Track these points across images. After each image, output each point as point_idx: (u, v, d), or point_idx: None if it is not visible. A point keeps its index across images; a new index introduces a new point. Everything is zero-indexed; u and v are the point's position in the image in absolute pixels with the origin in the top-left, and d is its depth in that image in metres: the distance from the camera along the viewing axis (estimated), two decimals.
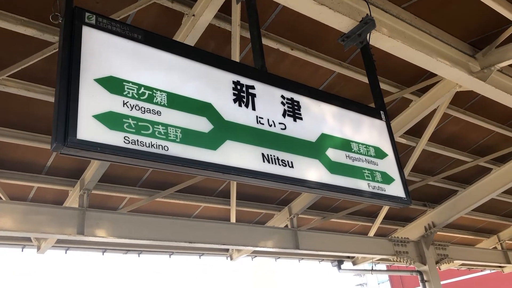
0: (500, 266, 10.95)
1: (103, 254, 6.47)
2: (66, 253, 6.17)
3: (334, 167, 2.78)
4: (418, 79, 5.15)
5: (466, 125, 6.11)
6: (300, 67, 4.47)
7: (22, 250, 6.05)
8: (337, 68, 4.60)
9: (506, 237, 10.03)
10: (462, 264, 9.77)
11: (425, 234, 8.07)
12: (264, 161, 2.45)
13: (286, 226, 6.76)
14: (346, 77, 4.76)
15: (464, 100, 5.66)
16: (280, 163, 2.51)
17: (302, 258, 8.45)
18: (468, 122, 5.99)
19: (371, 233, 7.80)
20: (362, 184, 2.87)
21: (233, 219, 6.20)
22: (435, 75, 4.95)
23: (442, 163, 7.12)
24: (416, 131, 5.93)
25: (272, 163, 2.48)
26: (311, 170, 2.65)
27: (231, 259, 7.45)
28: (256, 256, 7.92)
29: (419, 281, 8.06)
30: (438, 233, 8.31)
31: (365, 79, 4.77)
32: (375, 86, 3.45)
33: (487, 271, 28.69)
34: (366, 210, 7.91)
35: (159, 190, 5.81)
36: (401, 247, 7.78)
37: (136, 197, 5.74)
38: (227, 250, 7.31)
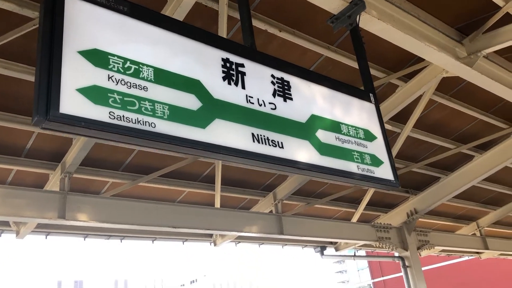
0: (477, 252, 11.17)
1: (84, 240, 6.36)
2: (46, 238, 6.04)
3: (324, 149, 2.74)
4: (405, 64, 5.14)
5: (451, 112, 6.14)
6: (288, 50, 4.40)
7: (0, 235, 5.90)
8: (325, 51, 4.55)
9: (485, 224, 10.22)
10: (442, 251, 9.93)
11: (407, 220, 8.15)
12: (254, 141, 2.39)
13: (271, 211, 6.74)
14: (333, 61, 4.72)
15: (450, 86, 5.67)
16: (270, 143, 2.46)
17: (286, 244, 8.46)
18: (453, 109, 6.02)
19: (354, 219, 7.84)
20: (351, 166, 2.84)
21: (217, 204, 6.14)
22: (422, 60, 4.94)
23: (425, 150, 7.17)
24: (401, 117, 5.94)
25: (262, 143, 2.42)
26: (301, 151, 2.61)
27: (215, 244, 7.41)
28: (240, 242, 7.91)
29: (401, 267, 8.16)
30: (419, 219, 8.41)
31: (352, 63, 4.74)
32: (364, 68, 3.41)
33: (465, 258, 29.50)
34: (350, 196, 7.94)
35: (143, 174, 5.71)
36: (383, 233, 7.85)
37: (118, 182, 5.63)
38: (211, 235, 7.26)
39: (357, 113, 3.11)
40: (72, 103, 1.82)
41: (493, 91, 5.00)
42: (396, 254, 8.47)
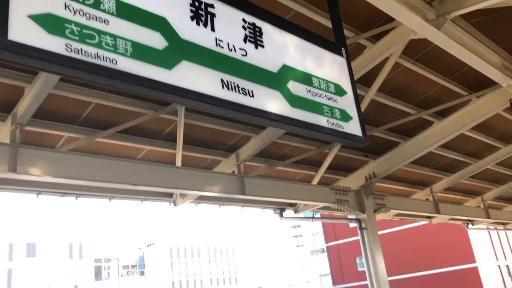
0: (429, 217, 11.64)
1: (37, 196, 6.08)
2: None
3: (295, 101, 2.65)
4: (374, 24, 5.08)
5: (415, 76, 6.18)
6: (256, 1, 4.21)
7: None
8: (296, 5, 4.40)
9: (438, 190, 10.58)
10: (397, 214, 10.26)
11: (366, 184, 8.32)
12: (223, 87, 2.27)
13: (233, 172, 6.67)
14: (304, 16, 4.57)
15: (416, 50, 5.68)
16: (240, 91, 2.34)
17: (246, 205, 8.45)
18: (417, 73, 6.06)
19: (315, 181, 7.89)
20: (321, 120, 2.78)
21: (178, 163, 5.99)
22: (391, 21, 4.90)
23: (387, 114, 7.23)
24: (365, 80, 5.91)
25: (232, 90, 2.30)
26: (271, 102, 2.51)
27: (175, 204, 7.28)
28: (200, 203, 7.82)
29: (358, 229, 8.37)
30: (376, 184, 8.60)
31: (323, 20, 4.62)
32: (336, 21, 3.31)
33: (417, 224, 30.98)
34: (311, 159, 7.96)
35: (100, 129, 5.46)
36: (342, 195, 7.98)
37: (74, 136, 5.36)
38: (171, 195, 7.12)
39: (328, 66, 3.03)
40: (23, 30, 1.63)
41: (458, 55, 5.05)
42: (353, 217, 8.67)
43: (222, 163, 6.91)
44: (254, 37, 2.56)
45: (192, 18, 2.27)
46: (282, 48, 2.72)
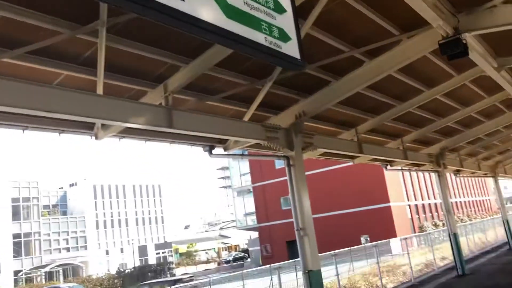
0: (352, 157, 12.07)
1: None
2: None
3: (231, 11, 2.38)
4: None
5: (352, 11, 6.04)
6: None
7: None
8: None
9: (363, 131, 10.93)
10: (324, 153, 10.50)
11: (296, 122, 8.35)
12: None
13: (160, 104, 6.32)
14: None
15: None
16: None
17: (174, 142, 8.16)
18: (354, 8, 5.93)
19: (246, 118, 7.76)
20: (259, 37, 2.55)
21: (100, 91, 5.53)
22: None
23: (320, 51, 7.11)
24: (302, 12, 5.69)
25: None
26: (204, 8, 2.22)
27: (96, 138, 6.79)
28: (124, 137, 7.40)
29: (285, 166, 8.46)
30: (305, 123, 8.65)
31: None
32: None
33: (340, 165, 32.47)
34: (243, 95, 7.77)
35: (7, 49, 4.83)
36: (272, 133, 7.95)
37: None
38: (92, 127, 6.64)
39: None
40: None
41: None
42: (282, 154, 8.72)
43: (148, 94, 6.52)
44: None
45: None
46: None
